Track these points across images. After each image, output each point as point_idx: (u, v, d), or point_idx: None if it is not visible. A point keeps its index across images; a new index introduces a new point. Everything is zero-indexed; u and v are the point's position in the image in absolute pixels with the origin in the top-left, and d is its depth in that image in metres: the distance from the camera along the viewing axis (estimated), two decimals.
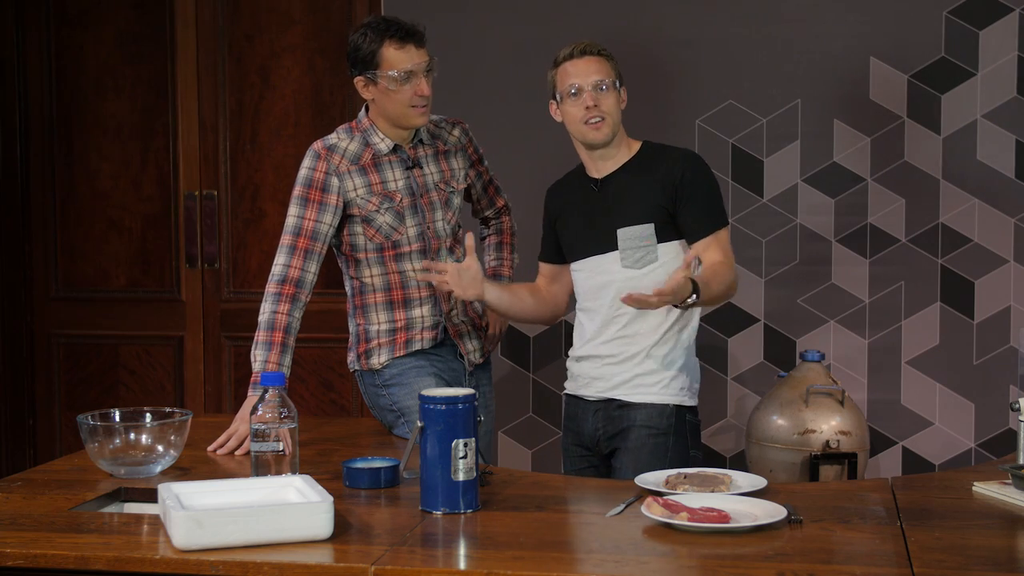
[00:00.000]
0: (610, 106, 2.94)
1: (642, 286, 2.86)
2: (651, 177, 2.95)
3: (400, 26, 2.98)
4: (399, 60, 2.96)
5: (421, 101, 2.99)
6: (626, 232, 2.94)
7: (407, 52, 2.96)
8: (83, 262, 4.74)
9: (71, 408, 4.69)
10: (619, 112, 2.97)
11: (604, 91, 2.94)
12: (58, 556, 2.07)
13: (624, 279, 2.94)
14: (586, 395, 3.06)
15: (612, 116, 2.94)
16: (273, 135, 4.54)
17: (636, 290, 2.85)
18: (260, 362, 2.89)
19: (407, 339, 3.10)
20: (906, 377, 4.11)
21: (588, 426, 3.05)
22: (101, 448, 2.60)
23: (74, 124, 4.71)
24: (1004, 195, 4.04)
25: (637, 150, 3.02)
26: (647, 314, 2.94)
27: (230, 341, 4.62)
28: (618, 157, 3.00)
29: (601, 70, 2.95)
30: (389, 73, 2.96)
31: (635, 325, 2.96)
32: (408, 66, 2.96)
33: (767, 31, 4.11)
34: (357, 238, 3.08)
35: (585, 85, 2.93)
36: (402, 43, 2.96)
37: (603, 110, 2.93)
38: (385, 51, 2.96)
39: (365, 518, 2.28)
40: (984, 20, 4.01)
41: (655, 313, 2.94)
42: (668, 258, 2.93)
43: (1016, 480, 2.39)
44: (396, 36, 2.96)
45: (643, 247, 2.92)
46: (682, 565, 2.02)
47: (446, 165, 3.16)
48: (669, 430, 2.96)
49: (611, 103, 2.94)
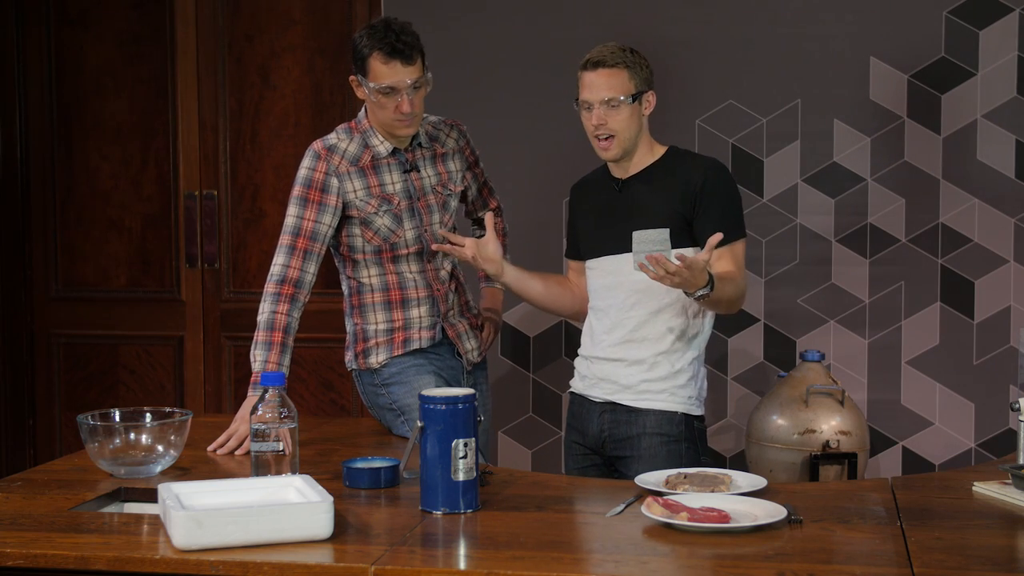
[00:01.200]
0: (620, 123, 2.89)
1: (652, 290, 2.86)
2: (672, 182, 2.93)
3: (389, 41, 2.89)
4: (382, 74, 2.91)
5: (403, 116, 2.94)
6: (641, 235, 2.92)
7: (391, 68, 2.90)
8: (83, 262, 4.74)
9: (71, 408, 4.69)
10: (634, 127, 2.92)
11: (615, 108, 2.88)
12: (58, 556, 2.07)
13: (634, 282, 2.92)
14: (592, 396, 3.05)
15: (622, 134, 2.90)
16: (273, 135, 4.54)
17: (646, 293, 2.85)
18: (260, 362, 2.89)
19: (405, 338, 3.10)
20: (906, 377, 4.11)
21: (593, 427, 3.03)
22: (101, 448, 2.60)
23: (74, 124, 4.71)
24: (1004, 195, 4.04)
25: (662, 154, 2.99)
26: (656, 319, 2.93)
27: (230, 341, 4.62)
28: (642, 160, 2.98)
29: (614, 85, 2.88)
30: (370, 84, 2.94)
31: (644, 330, 2.95)
32: (389, 82, 2.91)
33: (767, 31, 4.11)
34: (355, 240, 3.07)
35: (595, 101, 2.89)
36: (388, 58, 2.89)
37: (611, 127, 2.89)
38: (372, 61, 2.92)
39: (365, 518, 2.28)
40: (984, 20, 4.01)
41: (664, 319, 2.93)
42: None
43: (1016, 480, 2.39)
44: (383, 50, 2.89)
45: (656, 251, 2.88)
46: (682, 565, 2.02)
47: (443, 168, 3.15)
48: (680, 436, 2.95)
49: (621, 120, 2.89)
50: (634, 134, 2.92)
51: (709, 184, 2.90)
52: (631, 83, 2.90)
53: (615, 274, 2.97)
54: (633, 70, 2.90)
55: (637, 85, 2.91)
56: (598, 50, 2.92)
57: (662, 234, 2.90)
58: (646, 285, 2.87)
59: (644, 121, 2.97)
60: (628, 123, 2.90)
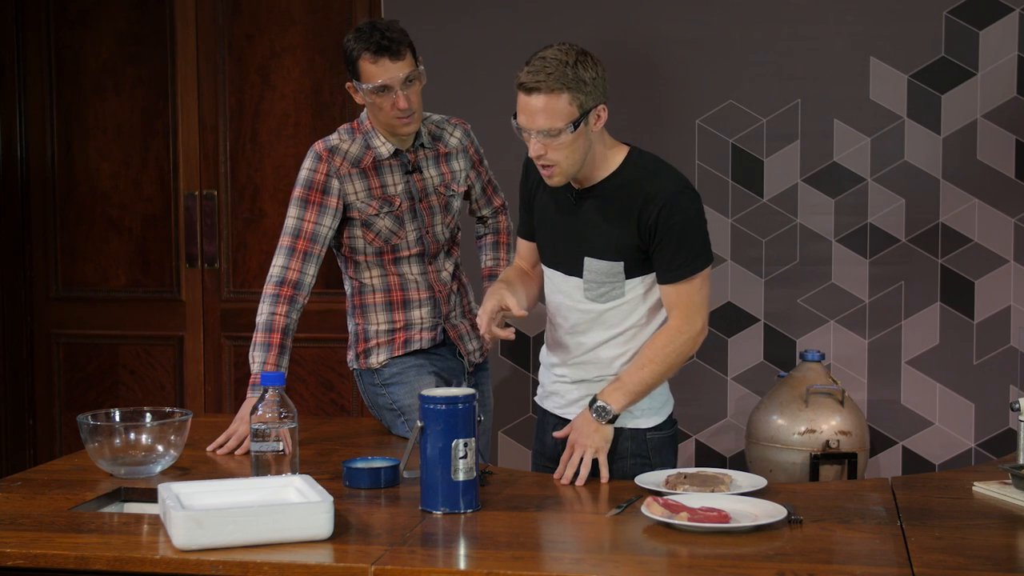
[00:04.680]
0: (561, 154, 2.57)
1: (602, 319, 2.72)
2: (628, 207, 2.64)
3: (374, 39, 2.89)
4: (373, 74, 2.91)
5: (401, 113, 2.94)
6: (593, 264, 2.69)
7: (381, 66, 2.90)
8: (83, 262, 4.74)
9: (71, 408, 4.69)
10: (579, 152, 2.58)
11: (555, 137, 2.54)
12: (58, 556, 2.07)
13: (584, 310, 2.73)
14: (546, 407, 2.91)
15: (564, 163, 2.58)
16: (273, 135, 4.54)
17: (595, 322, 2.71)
18: (259, 363, 2.89)
19: (406, 339, 3.10)
20: (906, 377, 4.11)
21: (549, 439, 2.85)
22: (101, 448, 2.60)
23: (74, 124, 4.71)
24: (1004, 195, 4.04)
25: (620, 163, 2.68)
26: (605, 347, 2.74)
27: (230, 341, 4.62)
28: (596, 172, 2.68)
29: (550, 114, 2.52)
30: (364, 86, 2.93)
31: (591, 354, 2.76)
32: (381, 80, 2.90)
33: (767, 31, 4.11)
34: (356, 241, 3.07)
35: (531, 130, 2.57)
36: (376, 56, 2.89)
37: (551, 158, 2.58)
38: (362, 63, 2.91)
39: (365, 518, 2.28)
40: (984, 20, 4.01)
41: (614, 345, 2.73)
42: (634, 295, 2.70)
43: (1016, 480, 2.39)
44: (370, 49, 2.89)
45: (608, 283, 2.68)
46: (682, 565, 2.02)
47: (447, 168, 3.15)
48: (626, 452, 2.74)
49: (562, 150, 2.56)
50: (579, 159, 2.60)
51: (663, 218, 2.60)
52: (572, 106, 2.53)
53: (566, 295, 2.75)
54: (575, 90, 2.53)
55: (582, 105, 2.54)
56: (535, 67, 2.55)
57: (616, 267, 2.67)
58: (596, 315, 2.71)
59: (594, 138, 2.62)
60: (570, 151, 2.57)
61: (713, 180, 4.12)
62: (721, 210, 4.12)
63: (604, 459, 2.62)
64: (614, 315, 2.72)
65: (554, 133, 2.54)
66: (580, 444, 2.62)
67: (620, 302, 2.71)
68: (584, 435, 2.63)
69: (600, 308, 2.71)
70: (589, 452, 2.61)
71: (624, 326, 2.73)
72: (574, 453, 2.62)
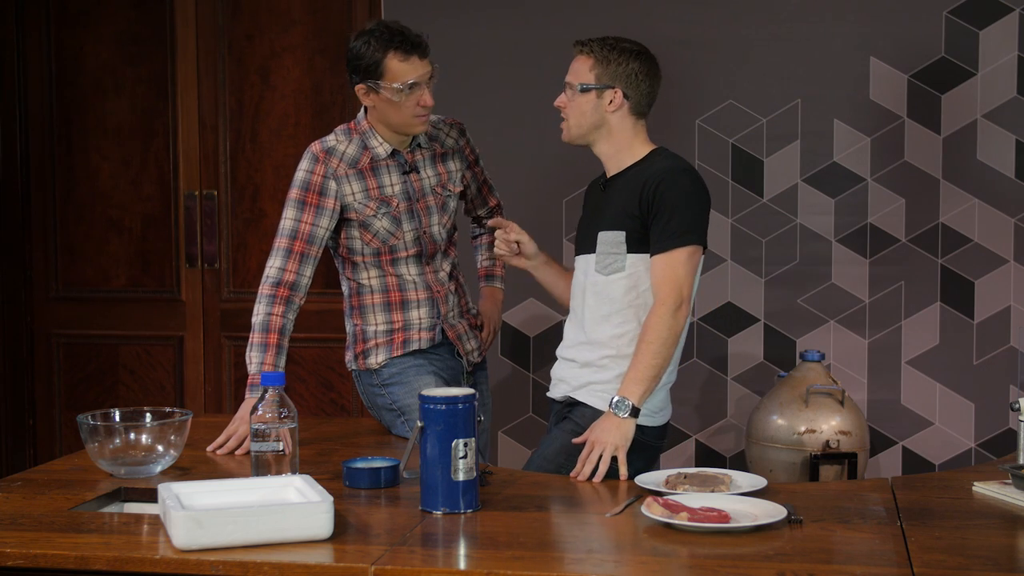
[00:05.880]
0: (570, 110, 2.84)
1: (605, 292, 2.81)
2: (635, 186, 2.80)
3: (405, 37, 2.93)
4: (404, 72, 2.92)
5: (424, 111, 2.97)
6: (603, 236, 2.83)
7: (411, 64, 2.92)
8: (83, 262, 4.74)
9: (71, 408, 4.69)
10: (586, 118, 2.83)
11: (570, 92, 2.85)
12: (58, 556, 2.07)
13: (592, 283, 2.85)
14: (553, 396, 2.98)
15: (571, 120, 2.85)
16: (273, 135, 4.54)
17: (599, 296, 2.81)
18: (256, 363, 2.89)
19: (404, 339, 3.10)
20: (906, 377, 4.11)
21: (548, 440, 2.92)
22: (101, 448, 2.60)
23: (74, 124, 4.71)
24: (1004, 195, 4.04)
25: (644, 155, 2.86)
26: (606, 323, 2.82)
27: (230, 341, 4.62)
28: (621, 160, 2.87)
29: (576, 70, 2.84)
30: (393, 85, 2.93)
31: (595, 332, 2.83)
32: (412, 78, 2.93)
33: (767, 31, 4.11)
34: (354, 242, 3.07)
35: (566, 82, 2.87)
36: (407, 55, 2.92)
37: (565, 111, 2.86)
38: (389, 62, 2.92)
39: (365, 518, 2.28)
40: (984, 20, 4.01)
41: (614, 323, 2.81)
42: (634, 270, 2.80)
43: (1016, 480, 2.39)
44: (401, 48, 2.91)
45: (613, 253, 2.81)
46: (682, 565, 2.02)
47: (443, 168, 3.15)
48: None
49: (572, 107, 2.84)
50: (586, 125, 2.84)
51: (662, 188, 2.75)
52: (591, 74, 2.82)
53: (583, 272, 2.89)
54: (600, 63, 2.82)
55: (597, 77, 2.81)
56: (595, 37, 2.88)
57: (618, 236, 2.80)
58: (601, 287, 2.82)
59: (610, 118, 2.83)
60: (578, 112, 2.83)
61: (713, 180, 4.11)
62: (721, 210, 4.12)
63: (623, 457, 2.65)
64: (615, 288, 2.81)
65: (571, 88, 2.84)
66: (600, 442, 2.65)
67: (621, 275, 2.81)
68: (604, 432, 2.66)
69: (604, 280, 2.83)
70: (608, 449, 2.64)
71: (623, 303, 2.81)
72: (593, 450, 2.64)
